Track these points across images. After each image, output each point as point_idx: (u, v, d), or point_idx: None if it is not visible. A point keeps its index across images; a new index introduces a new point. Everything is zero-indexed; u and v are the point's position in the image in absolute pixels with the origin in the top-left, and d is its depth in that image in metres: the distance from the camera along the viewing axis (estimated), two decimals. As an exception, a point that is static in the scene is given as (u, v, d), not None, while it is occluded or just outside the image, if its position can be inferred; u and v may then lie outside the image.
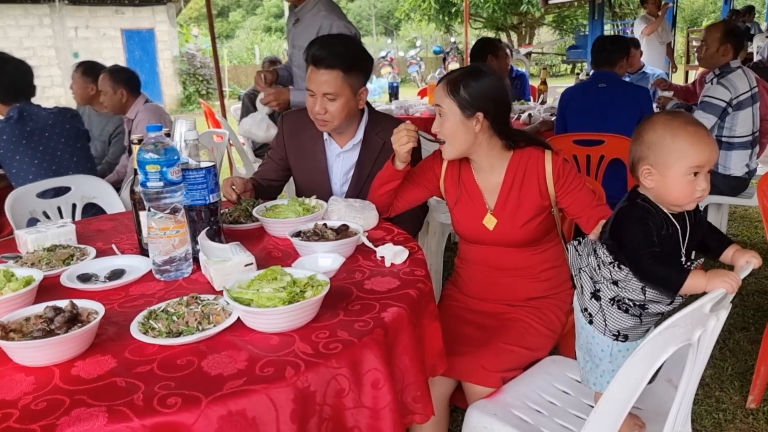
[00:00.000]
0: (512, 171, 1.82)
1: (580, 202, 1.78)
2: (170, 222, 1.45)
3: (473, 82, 1.71)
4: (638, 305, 1.40)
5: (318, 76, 1.99)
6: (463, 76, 1.73)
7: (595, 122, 3.24)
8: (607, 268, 1.40)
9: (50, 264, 1.56)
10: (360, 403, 1.14)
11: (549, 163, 1.79)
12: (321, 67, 1.98)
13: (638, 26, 7.05)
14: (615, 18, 17.46)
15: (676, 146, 1.28)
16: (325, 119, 2.05)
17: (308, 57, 2.02)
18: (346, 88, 2.01)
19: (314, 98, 2.03)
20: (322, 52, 1.98)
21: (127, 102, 3.39)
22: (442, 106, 1.74)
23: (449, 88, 1.72)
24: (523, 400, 1.60)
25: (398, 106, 5.06)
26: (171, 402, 0.97)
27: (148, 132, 1.44)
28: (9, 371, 1.09)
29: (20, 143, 2.66)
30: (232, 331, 1.19)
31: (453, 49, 17.18)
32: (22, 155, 2.67)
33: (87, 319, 1.17)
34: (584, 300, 1.48)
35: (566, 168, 1.79)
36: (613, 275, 1.39)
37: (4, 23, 14.26)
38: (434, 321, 1.46)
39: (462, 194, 1.89)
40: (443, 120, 1.75)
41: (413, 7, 20.17)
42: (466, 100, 1.71)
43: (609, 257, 1.40)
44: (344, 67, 1.98)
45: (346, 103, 2.03)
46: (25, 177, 2.65)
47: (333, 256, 1.50)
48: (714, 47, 3.42)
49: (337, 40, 2.07)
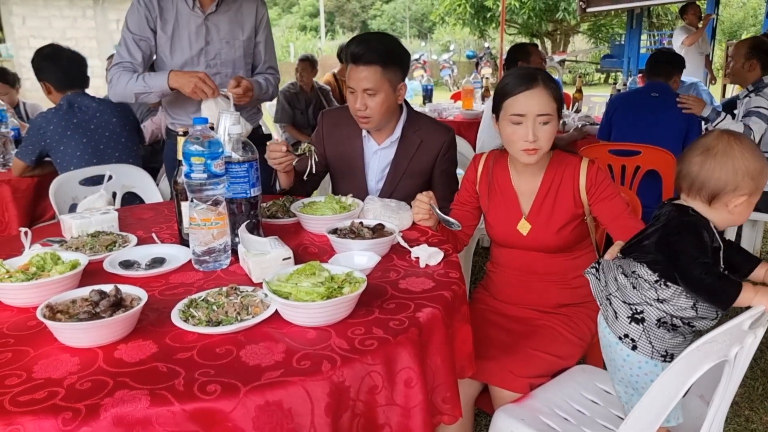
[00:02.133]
0: (550, 176, 1.82)
1: (611, 211, 1.77)
2: (211, 213, 1.48)
3: (554, 85, 1.72)
4: (686, 323, 1.36)
5: (357, 73, 2.03)
6: (549, 78, 1.74)
7: (640, 131, 3.23)
8: (652, 287, 1.36)
9: (94, 249, 1.61)
10: (392, 401, 1.15)
11: (584, 171, 1.79)
12: (360, 63, 2.01)
13: (677, 36, 6.95)
14: (652, 28, 17.23)
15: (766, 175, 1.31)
16: (366, 115, 2.08)
17: (346, 55, 2.06)
18: (384, 83, 2.04)
19: (354, 95, 2.06)
20: (360, 48, 2.01)
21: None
22: (549, 112, 1.70)
23: (551, 92, 1.70)
24: (551, 407, 1.59)
25: (432, 109, 5.08)
26: (211, 389, 1.00)
27: (194, 124, 1.47)
28: (55, 351, 1.12)
29: (66, 134, 2.73)
30: (270, 323, 1.21)
31: (486, 54, 17.14)
32: (66, 145, 2.74)
33: (130, 304, 1.20)
34: (621, 327, 1.42)
35: (600, 176, 1.78)
36: (660, 294, 1.36)
37: (48, 13, 14.61)
38: (465, 323, 1.47)
39: (497, 197, 1.89)
40: (549, 126, 1.71)
41: (448, 10, 20.12)
42: (558, 103, 1.73)
43: (653, 275, 1.36)
44: (382, 63, 2.01)
45: (386, 98, 2.06)
46: (68, 166, 2.72)
47: (369, 255, 1.52)
48: (740, 62, 3.41)
49: (374, 37, 2.11)
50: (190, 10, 2.41)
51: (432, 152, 2.20)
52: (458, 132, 4.08)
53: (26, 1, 14.46)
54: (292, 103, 5.47)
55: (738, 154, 1.30)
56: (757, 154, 1.31)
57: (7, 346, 1.14)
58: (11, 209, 2.80)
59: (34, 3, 14.50)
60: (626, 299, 1.41)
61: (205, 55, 2.50)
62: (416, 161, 2.19)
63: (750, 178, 1.30)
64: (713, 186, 1.32)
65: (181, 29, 2.44)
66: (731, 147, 1.31)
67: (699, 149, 1.35)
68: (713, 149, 1.32)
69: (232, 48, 2.54)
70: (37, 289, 1.28)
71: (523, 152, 1.72)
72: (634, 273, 1.40)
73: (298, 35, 28.43)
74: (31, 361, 1.08)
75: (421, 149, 2.19)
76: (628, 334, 1.41)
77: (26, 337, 1.17)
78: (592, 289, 1.53)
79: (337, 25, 32.93)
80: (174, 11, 2.41)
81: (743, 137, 1.34)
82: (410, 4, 31.62)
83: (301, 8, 33.94)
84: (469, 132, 4.34)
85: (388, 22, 33.18)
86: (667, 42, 10.10)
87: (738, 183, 1.30)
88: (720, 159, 1.31)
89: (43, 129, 2.73)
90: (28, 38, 13.70)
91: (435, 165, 2.22)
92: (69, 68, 2.86)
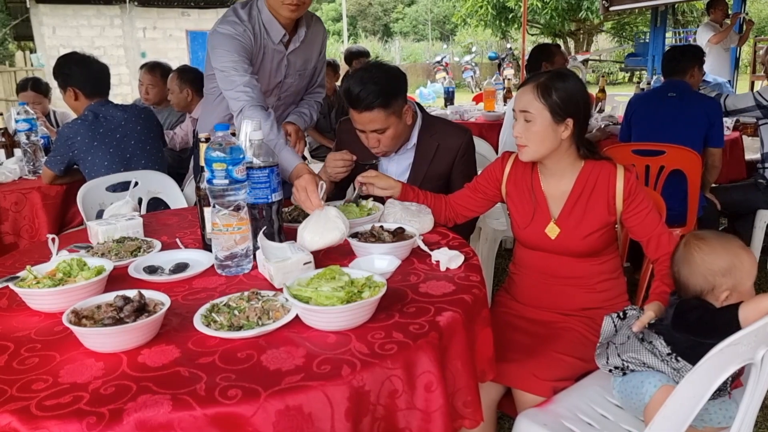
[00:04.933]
0: (582, 181, 1.80)
1: (647, 226, 1.76)
2: (233, 219, 1.49)
3: (564, 87, 1.69)
4: None
5: (362, 118, 2.03)
6: (552, 80, 1.70)
7: (660, 131, 3.17)
8: (664, 360, 1.42)
9: (119, 255, 1.63)
10: (412, 405, 1.15)
11: (621, 179, 1.76)
12: (362, 110, 2.00)
13: (702, 33, 6.82)
14: (677, 25, 16.98)
15: (745, 266, 1.36)
16: (380, 150, 2.12)
17: (345, 98, 2.04)
18: (390, 117, 2.03)
19: (365, 134, 2.09)
20: (359, 96, 1.97)
21: (192, 101, 3.51)
22: (530, 110, 1.71)
23: (540, 92, 1.69)
24: (574, 412, 1.58)
25: (453, 111, 5.06)
26: (231, 394, 1.01)
27: (215, 131, 1.49)
28: (80, 356, 1.14)
29: (93, 144, 2.78)
30: (291, 328, 1.22)
31: (508, 56, 17.06)
32: (93, 155, 2.78)
33: (154, 309, 1.22)
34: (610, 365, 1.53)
35: (638, 187, 1.76)
36: (672, 366, 1.42)
37: (77, 23, 14.95)
38: (486, 327, 1.46)
39: (525, 198, 1.88)
40: (530, 125, 1.71)
41: (470, 12, 20.07)
42: (558, 105, 1.68)
43: (666, 348, 1.42)
44: (383, 104, 1.99)
45: (395, 128, 2.08)
46: (96, 174, 2.76)
47: (389, 258, 1.52)
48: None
49: (367, 77, 2.00)
50: (275, 46, 2.35)
51: (450, 154, 2.21)
52: (480, 134, 4.08)
53: (56, 12, 14.81)
54: (315, 108, 5.49)
55: (699, 260, 1.39)
56: (719, 252, 1.37)
57: (34, 351, 1.16)
58: (41, 216, 2.86)
59: (63, 13, 14.85)
60: (621, 353, 1.49)
61: (279, 88, 2.46)
62: (435, 165, 2.20)
63: (721, 276, 1.36)
64: (694, 291, 1.41)
65: (265, 63, 2.36)
66: (691, 254, 1.40)
67: (673, 260, 1.47)
68: (681, 259, 1.44)
69: (303, 79, 2.52)
70: (63, 295, 1.31)
71: (518, 147, 1.77)
72: (651, 343, 1.45)
73: (321, 39, 28.54)
74: (57, 365, 1.11)
75: (439, 152, 2.20)
76: (618, 366, 1.51)
77: (53, 342, 1.20)
78: (603, 328, 1.60)
79: (359, 29, 33.05)
80: (261, 46, 2.33)
81: (707, 238, 1.41)
82: (432, 6, 31.59)
83: (323, 13, 34.09)
84: (490, 133, 4.31)
85: (410, 25, 33.20)
86: (693, 40, 9.93)
87: (713, 283, 1.37)
88: (688, 268, 1.41)
89: (71, 140, 2.77)
90: (58, 48, 14.03)
91: (453, 166, 2.23)
92: (100, 75, 2.90)
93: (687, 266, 1.41)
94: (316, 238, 1.58)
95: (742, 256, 1.36)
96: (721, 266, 1.36)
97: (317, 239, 1.57)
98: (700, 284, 1.39)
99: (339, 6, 27.85)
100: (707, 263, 1.38)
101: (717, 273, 1.36)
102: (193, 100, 3.54)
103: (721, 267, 1.36)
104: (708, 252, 1.38)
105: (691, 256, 1.41)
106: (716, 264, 1.37)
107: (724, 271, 1.36)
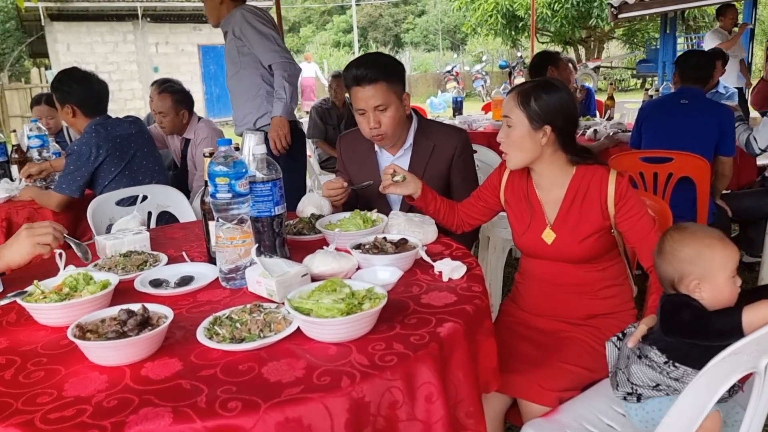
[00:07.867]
0: (575, 187, 1.81)
1: (639, 231, 1.75)
2: (237, 232, 1.51)
3: (544, 95, 1.72)
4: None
5: (364, 93, 2.09)
6: (534, 88, 1.74)
7: (671, 138, 3.15)
8: (662, 371, 1.40)
9: (125, 269, 1.65)
10: (413, 416, 1.15)
11: (612, 183, 1.76)
12: (365, 83, 2.08)
13: (710, 40, 6.77)
14: (688, 31, 16.90)
15: (716, 256, 1.34)
16: (380, 132, 2.14)
17: (348, 80, 2.12)
18: (391, 95, 2.10)
19: (365, 116, 2.12)
20: (361, 70, 2.08)
21: (186, 123, 3.51)
22: (510, 116, 1.76)
23: (519, 99, 1.74)
24: (580, 422, 1.57)
25: (462, 121, 5.07)
26: (232, 406, 1.02)
27: (218, 146, 1.51)
28: (85, 369, 1.16)
29: (105, 160, 2.79)
30: (292, 340, 1.23)
31: (519, 64, 17.06)
32: (106, 171, 2.81)
33: (157, 322, 1.23)
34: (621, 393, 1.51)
35: (629, 192, 1.76)
36: (671, 375, 1.40)
37: (91, 39, 15.17)
38: (489, 337, 1.46)
39: (522, 206, 1.89)
40: (510, 130, 1.76)
41: (480, 21, 20.11)
42: (536, 113, 1.72)
43: (662, 357, 1.40)
44: (385, 78, 2.08)
45: (396, 111, 2.13)
46: (109, 188, 2.79)
47: (391, 270, 1.53)
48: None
49: (369, 57, 2.19)
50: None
51: (446, 154, 2.24)
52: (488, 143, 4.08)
53: (70, 29, 15.04)
54: (324, 119, 5.53)
55: (669, 248, 1.39)
56: (687, 240, 1.37)
57: (40, 365, 1.18)
58: (52, 231, 2.89)
59: (77, 30, 15.07)
60: (629, 377, 1.47)
61: None
62: (432, 165, 2.23)
63: (688, 264, 1.35)
64: (668, 282, 1.41)
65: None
66: (663, 243, 1.41)
67: (654, 252, 1.48)
68: (656, 249, 1.44)
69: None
70: (69, 309, 1.33)
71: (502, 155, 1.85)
72: (647, 356, 1.44)
73: (332, 51, 28.76)
74: (62, 379, 1.12)
75: (435, 153, 2.24)
76: (628, 392, 1.49)
77: (59, 356, 1.22)
78: (607, 355, 1.59)
79: (370, 40, 33.24)
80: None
81: (683, 228, 1.42)
82: (442, 16, 31.72)
83: (335, 25, 34.38)
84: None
85: (420, 35, 33.34)
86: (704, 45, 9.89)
87: (681, 272, 1.37)
88: (660, 257, 1.42)
89: (93, 155, 2.74)
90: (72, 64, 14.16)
91: (451, 167, 2.26)
92: (100, 94, 2.87)
93: (660, 255, 1.42)
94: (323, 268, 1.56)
95: (715, 246, 1.34)
96: (687, 254, 1.35)
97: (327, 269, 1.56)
98: (670, 273, 1.39)
99: (350, 18, 28.05)
100: (675, 251, 1.38)
101: (683, 261, 1.35)
102: (187, 122, 3.52)
103: (687, 254, 1.35)
104: (677, 240, 1.38)
105: (663, 245, 1.41)
106: (683, 252, 1.36)
107: (690, 258, 1.35)
